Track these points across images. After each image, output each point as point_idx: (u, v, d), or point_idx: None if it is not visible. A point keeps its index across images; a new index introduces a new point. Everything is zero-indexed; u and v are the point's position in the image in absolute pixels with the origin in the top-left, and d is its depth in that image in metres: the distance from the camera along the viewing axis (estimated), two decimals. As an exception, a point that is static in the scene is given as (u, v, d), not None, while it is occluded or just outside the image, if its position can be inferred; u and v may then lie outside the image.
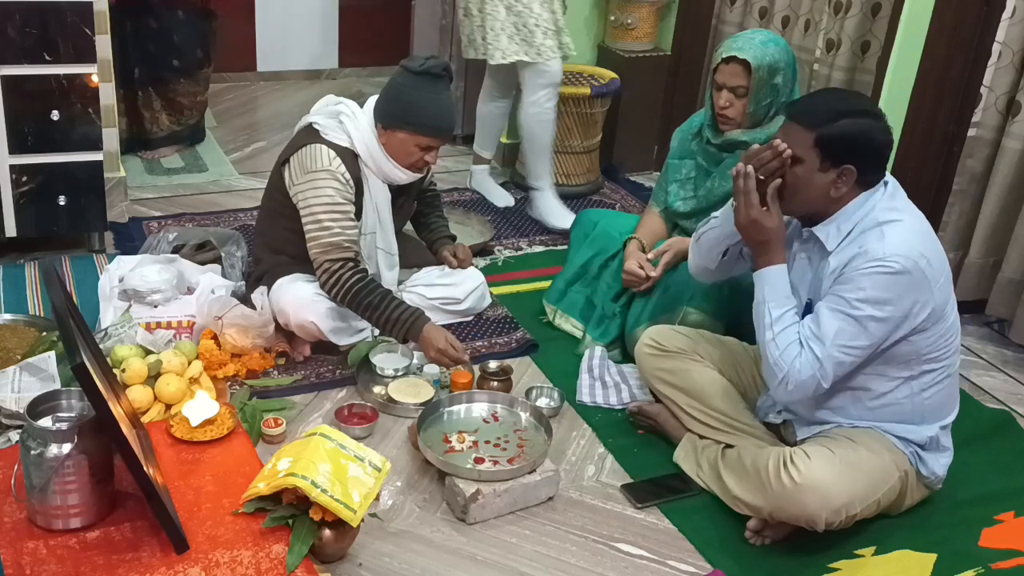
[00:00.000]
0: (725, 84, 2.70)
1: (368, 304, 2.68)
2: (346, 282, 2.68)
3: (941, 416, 2.28)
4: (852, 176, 2.09)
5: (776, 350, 2.13)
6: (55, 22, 3.02)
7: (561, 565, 2.20)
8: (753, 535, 2.28)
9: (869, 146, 2.09)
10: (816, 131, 2.08)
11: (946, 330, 2.17)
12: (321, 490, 1.96)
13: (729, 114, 2.71)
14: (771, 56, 2.66)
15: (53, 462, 1.91)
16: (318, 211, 2.69)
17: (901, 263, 2.03)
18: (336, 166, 2.69)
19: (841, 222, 2.13)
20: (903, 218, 2.11)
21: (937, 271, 2.10)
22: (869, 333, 2.08)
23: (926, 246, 2.09)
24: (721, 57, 2.70)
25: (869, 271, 2.05)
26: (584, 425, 2.69)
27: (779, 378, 2.14)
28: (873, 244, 2.06)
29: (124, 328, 2.71)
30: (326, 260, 2.70)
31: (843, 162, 2.08)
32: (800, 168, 2.11)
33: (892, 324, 2.08)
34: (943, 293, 2.13)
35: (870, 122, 2.09)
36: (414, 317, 2.68)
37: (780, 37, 2.78)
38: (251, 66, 5.56)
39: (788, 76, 2.70)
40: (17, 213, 3.21)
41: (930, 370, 2.19)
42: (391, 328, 2.69)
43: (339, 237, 2.69)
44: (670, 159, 2.99)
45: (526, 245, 3.79)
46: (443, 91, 2.72)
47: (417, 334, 2.67)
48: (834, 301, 2.09)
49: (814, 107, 2.14)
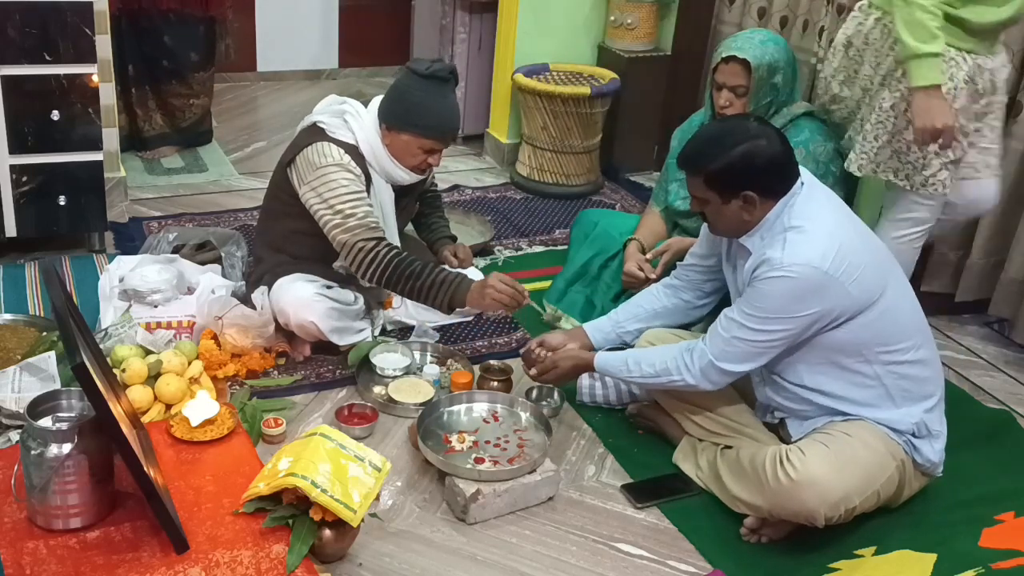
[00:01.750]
0: (725, 84, 2.72)
1: (411, 273, 2.63)
2: (384, 257, 2.64)
3: (921, 398, 2.28)
4: (754, 199, 2.18)
5: (668, 375, 2.33)
6: (55, 22, 3.02)
7: (561, 565, 2.20)
8: (749, 533, 2.28)
9: (754, 169, 2.17)
10: (701, 174, 2.21)
11: (883, 316, 2.19)
12: (321, 490, 1.96)
13: (729, 113, 2.72)
14: (770, 55, 2.67)
15: (53, 462, 1.91)
16: (335, 201, 2.66)
17: (797, 271, 2.11)
18: (346, 161, 2.69)
19: (764, 231, 2.22)
20: (808, 223, 2.16)
21: (852, 265, 2.13)
22: (769, 332, 2.18)
23: (831, 247, 2.13)
24: (720, 57, 2.71)
25: (769, 279, 2.14)
26: (584, 425, 2.69)
27: (682, 379, 2.30)
28: (775, 252, 2.15)
29: (124, 328, 2.71)
30: (359, 240, 2.65)
31: (739, 190, 2.17)
32: (708, 208, 2.25)
33: (799, 323, 2.15)
34: (865, 284, 2.16)
35: (747, 147, 2.15)
36: (459, 278, 2.65)
37: (779, 36, 2.79)
38: (251, 66, 5.56)
39: (787, 75, 2.72)
40: (17, 213, 3.21)
41: (884, 353, 2.21)
42: (437, 291, 2.63)
43: (367, 219, 2.67)
44: (670, 159, 3.01)
45: (526, 245, 3.79)
46: (449, 94, 2.73)
47: (465, 292, 2.63)
48: (741, 303, 2.22)
49: (695, 152, 2.24)
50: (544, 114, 4.15)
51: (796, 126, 2.78)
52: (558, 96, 4.07)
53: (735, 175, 2.17)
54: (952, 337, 3.30)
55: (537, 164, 4.27)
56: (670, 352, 2.34)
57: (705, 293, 2.57)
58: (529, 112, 4.22)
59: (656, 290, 2.63)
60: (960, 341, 3.30)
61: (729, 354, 2.23)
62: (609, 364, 2.46)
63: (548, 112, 4.14)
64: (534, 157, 4.28)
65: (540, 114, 4.16)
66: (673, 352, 2.33)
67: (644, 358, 2.38)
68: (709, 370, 2.26)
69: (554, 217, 4.07)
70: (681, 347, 2.33)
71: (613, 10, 4.36)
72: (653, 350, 2.40)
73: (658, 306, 2.60)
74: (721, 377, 2.28)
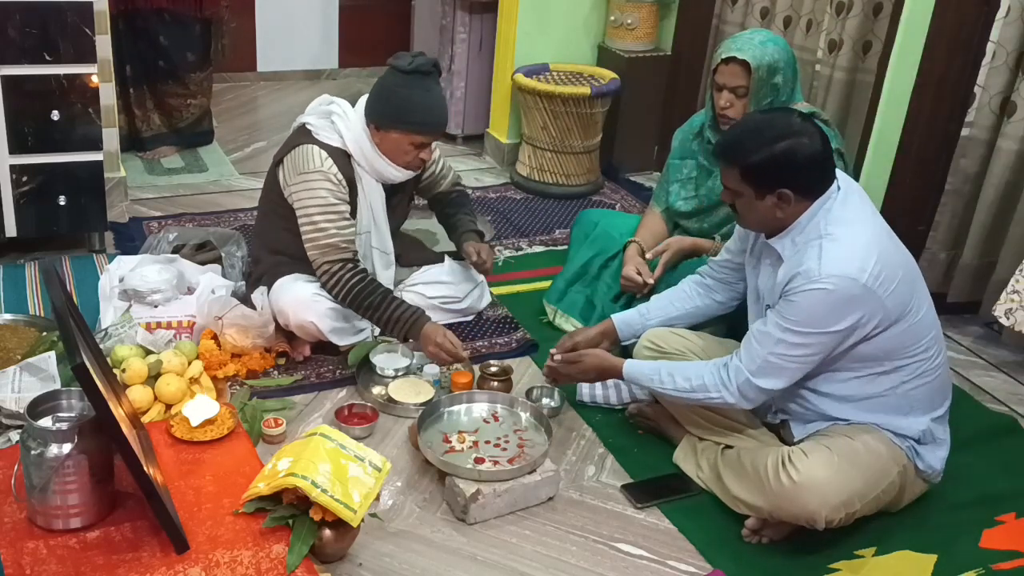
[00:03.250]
0: (725, 84, 2.71)
1: (369, 304, 2.69)
2: (347, 283, 2.68)
3: (930, 408, 2.27)
4: (789, 197, 2.12)
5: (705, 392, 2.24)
6: (55, 22, 3.02)
7: (561, 565, 2.20)
8: (751, 534, 2.28)
9: (794, 166, 2.10)
10: (738, 166, 2.13)
11: (911, 328, 2.17)
12: (321, 490, 1.96)
13: (730, 114, 2.71)
14: (770, 56, 2.66)
15: (53, 462, 1.91)
16: (313, 212, 2.69)
17: (835, 282, 2.06)
18: (328, 167, 2.69)
19: (795, 234, 2.17)
20: (844, 231, 2.11)
21: (888, 278, 2.09)
22: (806, 346, 2.12)
23: (869, 258, 2.08)
24: (721, 58, 2.70)
25: (806, 291, 2.08)
26: (584, 425, 2.69)
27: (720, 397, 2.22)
28: (811, 263, 2.08)
29: (124, 328, 2.71)
30: (325, 262, 2.70)
31: (776, 186, 2.11)
32: (740, 200, 2.18)
33: (835, 337, 2.11)
34: (899, 296, 2.12)
35: (789, 143, 2.09)
36: (415, 316, 2.68)
37: (779, 36, 2.78)
38: (251, 66, 5.56)
39: (788, 75, 2.71)
40: (17, 213, 3.21)
41: (904, 365, 2.20)
42: (392, 327, 2.69)
43: (336, 238, 2.69)
44: (671, 159, 3.00)
45: (526, 245, 3.79)
46: (433, 87, 2.72)
47: (417, 333, 2.67)
48: (776, 316, 2.15)
49: (734, 142, 2.17)
50: (544, 114, 4.15)
51: None
52: (558, 96, 4.07)
53: (773, 171, 2.10)
54: (952, 337, 3.29)
55: (537, 164, 4.27)
56: (706, 368, 2.26)
57: (740, 294, 2.50)
58: (529, 112, 4.22)
59: (689, 289, 2.58)
60: (960, 341, 3.30)
61: (766, 370, 2.16)
62: (640, 374, 2.37)
63: (548, 112, 4.14)
64: (534, 157, 4.28)
65: (540, 114, 4.16)
66: (709, 368, 2.25)
67: (679, 372, 2.29)
68: (747, 387, 2.19)
69: (554, 217, 4.07)
70: (716, 363, 2.25)
71: (613, 10, 4.36)
72: (688, 364, 2.33)
73: (690, 306, 2.56)
74: (758, 395, 2.21)
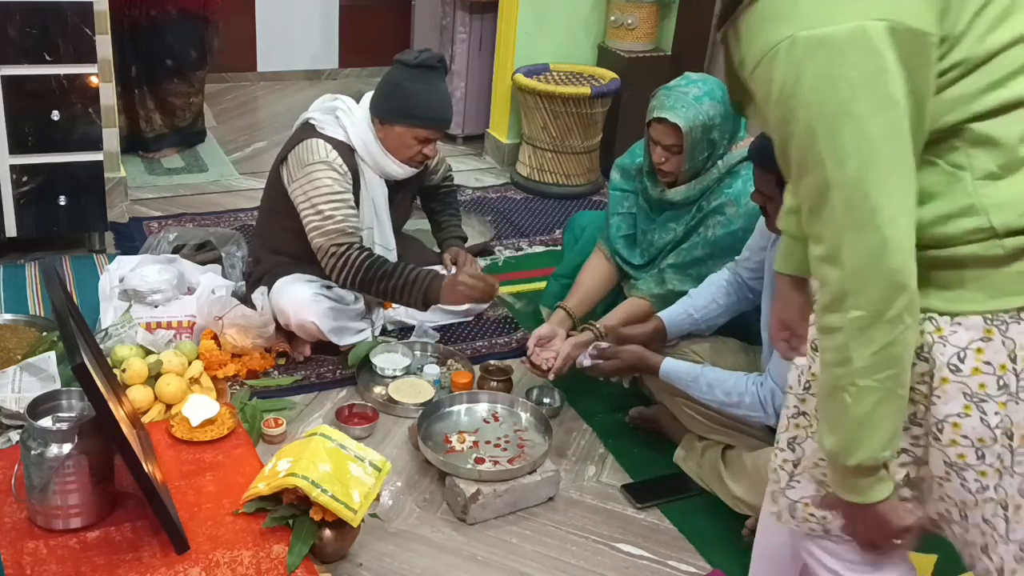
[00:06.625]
0: (660, 142, 2.59)
1: (383, 274, 2.65)
2: (355, 261, 2.66)
3: None
4: None
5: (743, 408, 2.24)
6: (55, 22, 3.02)
7: (561, 565, 2.20)
8: (751, 534, 2.27)
9: None
10: (774, 172, 2.08)
11: None
12: (321, 490, 1.96)
13: (665, 168, 2.61)
14: (704, 114, 2.52)
15: (53, 462, 1.91)
16: (318, 201, 2.68)
17: None
18: (332, 158, 2.70)
19: None
20: None
21: None
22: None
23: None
24: (653, 115, 2.59)
25: None
26: (584, 425, 2.69)
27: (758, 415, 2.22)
28: None
29: (124, 328, 2.71)
30: (331, 245, 2.67)
31: None
32: (771, 205, 2.15)
33: None
34: None
35: None
36: (431, 275, 2.67)
37: (717, 84, 2.56)
38: (251, 66, 5.56)
39: (726, 127, 2.57)
40: (17, 213, 3.21)
41: None
42: (410, 290, 2.65)
43: (343, 223, 2.68)
44: (612, 189, 2.87)
45: (526, 245, 3.79)
46: (438, 82, 2.73)
47: (438, 287, 2.65)
48: None
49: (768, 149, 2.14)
50: (544, 114, 4.15)
51: (733, 174, 2.57)
52: (558, 96, 4.07)
53: None
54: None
55: (537, 164, 4.27)
56: (743, 382, 2.26)
57: None
58: (529, 112, 4.22)
59: (726, 284, 2.52)
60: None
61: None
62: (677, 376, 2.35)
63: (548, 112, 4.14)
64: (534, 157, 4.28)
65: (540, 114, 4.16)
66: (748, 386, 2.24)
67: (719, 383, 2.28)
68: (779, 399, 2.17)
69: (554, 217, 4.07)
70: (753, 381, 2.25)
71: (613, 10, 4.36)
72: (726, 376, 2.30)
73: (731, 301, 2.52)
74: None
